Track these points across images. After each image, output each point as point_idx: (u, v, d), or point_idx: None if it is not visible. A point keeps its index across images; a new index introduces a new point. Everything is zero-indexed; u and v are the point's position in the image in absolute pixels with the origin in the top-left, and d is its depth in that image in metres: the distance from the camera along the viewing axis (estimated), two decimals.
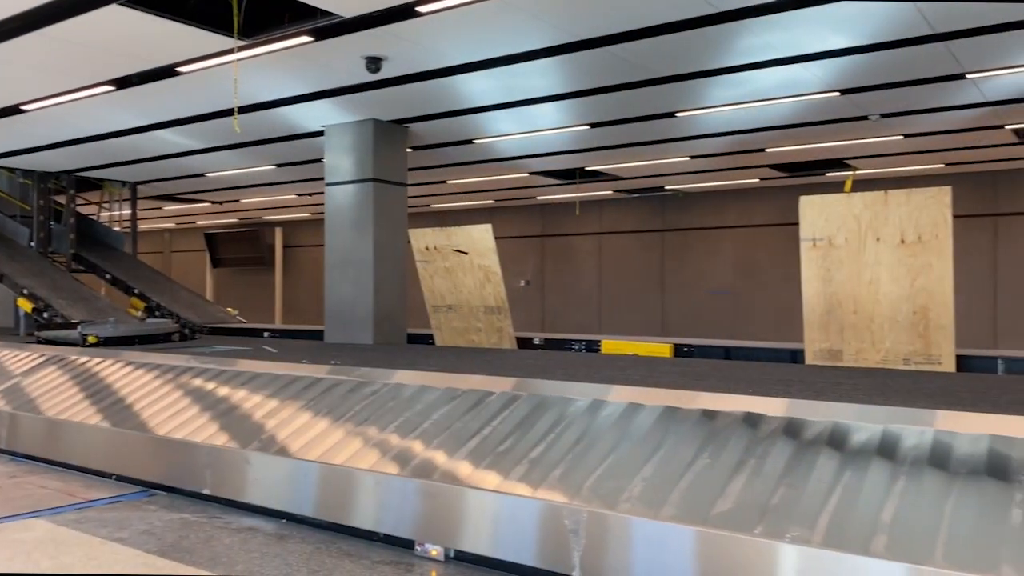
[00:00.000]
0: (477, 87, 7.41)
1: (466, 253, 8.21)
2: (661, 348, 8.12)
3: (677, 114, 8.46)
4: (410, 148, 9.89)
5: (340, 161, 8.85)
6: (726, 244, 15.21)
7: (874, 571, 2.47)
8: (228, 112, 7.84)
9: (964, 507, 2.62)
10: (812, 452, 3.10)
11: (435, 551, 3.52)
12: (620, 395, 3.86)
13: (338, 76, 7.11)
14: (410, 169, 11.36)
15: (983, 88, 7.48)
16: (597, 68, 6.80)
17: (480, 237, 8.05)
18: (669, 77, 7.04)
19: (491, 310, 8.33)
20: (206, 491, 4.43)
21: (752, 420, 3.41)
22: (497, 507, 3.37)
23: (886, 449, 3.01)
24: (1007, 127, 9.30)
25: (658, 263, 16.03)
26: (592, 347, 8.65)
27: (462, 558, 3.46)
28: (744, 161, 11.70)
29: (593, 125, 9.05)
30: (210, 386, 5.27)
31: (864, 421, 3.19)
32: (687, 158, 11.36)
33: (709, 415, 3.52)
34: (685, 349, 8.08)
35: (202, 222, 21.51)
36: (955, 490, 2.71)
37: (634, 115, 8.57)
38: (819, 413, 3.33)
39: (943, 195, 5.79)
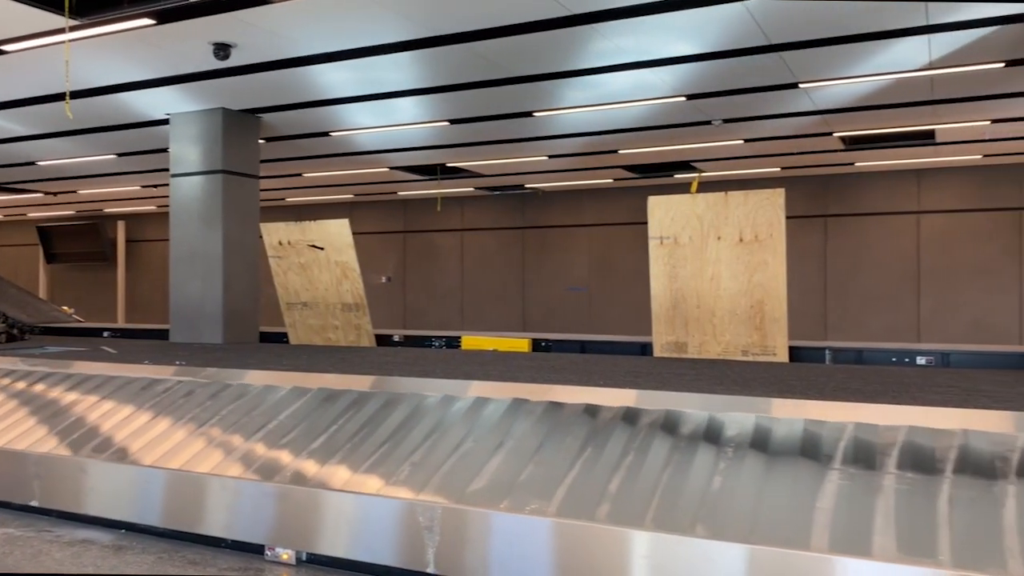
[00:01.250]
0: (333, 78, 7.25)
1: (322, 249, 8.02)
2: (520, 343, 8.25)
3: (534, 114, 8.62)
4: (263, 139, 9.56)
5: (187, 151, 8.44)
6: (583, 242, 15.64)
7: (704, 551, 2.61)
8: (60, 96, 7.30)
9: (780, 486, 2.81)
10: (648, 439, 3.23)
11: (286, 555, 3.42)
12: (475, 390, 3.89)
13: (184, 62, 6.77)
14: (263, 161, 10.99)
15: (814, 97, 8.06)
16: (455, 65, 6.82)
17: (337, 232, 7.89)
18: (526, 77, 7.16)
19: (349, 307, 8.18)
20: (34, 503, 4.11)
21: (593, 411, 3.52)
22: (349, 507, 3.32)
23: (713, 434, 3.19)
24: (835, 134, 10.07)
25: (519, 260, 16.28)
26: (452, 344, 8.68)
27: (315, 561, 3.38)
28: (599, 162, 12.08)
29: (453, 121, 9.07)
30: (39, 390, 4.89)
31: (703, 409, 3.36)
32: (545, 157, 11.60)
33: (556, 407, 3.61)
34: (543, 344, 8.25)
35: (34, 214, 19.91)
36: (775, 470, 2.91)
37: (493, 113, 8.66)
38: (658, 402, 3.48)
39: (777, 197, 6.20)
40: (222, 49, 6.26)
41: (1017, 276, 12.48)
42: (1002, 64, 6.74)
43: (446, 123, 9.13)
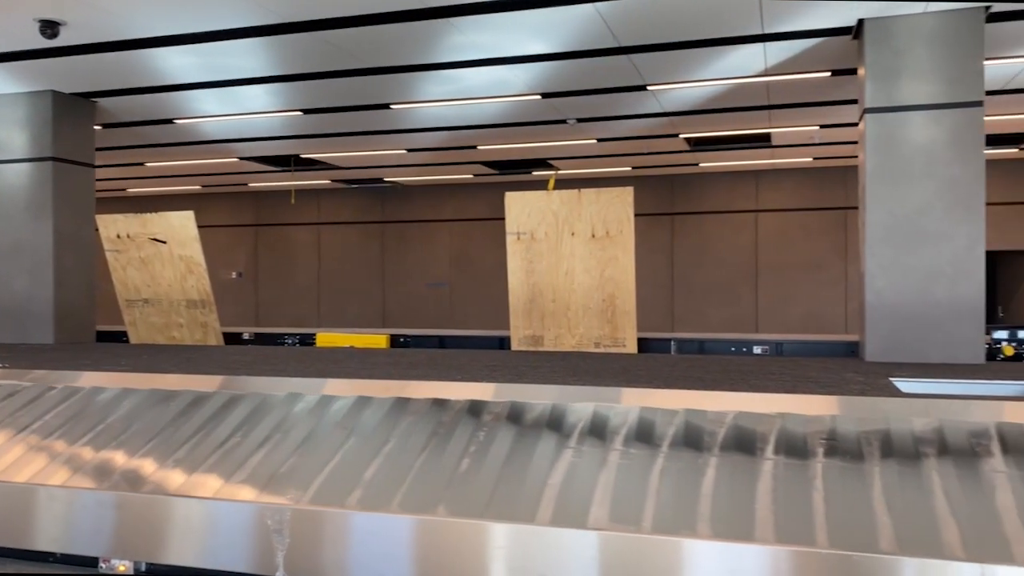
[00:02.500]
0: (175, 63, 6.88)
1: (164, 242, 7.59)
2: (378, 340, 8.13)
3: (392, 106, 8.52)
4: (99, 126, 8.94)
5: (11, 136, 7.77)
6: (443, 237, 15.63)
7: (554, 540, 2.67)
8: None
9: (622, 472, 2.92)
10: (494, 430, 3.27)
11: (123, 567, 3.22)
12: (324, 388, 3.81)
13: (6, 39, 6.22)
14: (100, 149, 10.27)
15: (661, 99, 8.41)
16: (307, 53, 6.63)
17: (181, 225, 7.48)
18: (382, 68, 7.06)
19: (194, 304, 7.79)
20: None
21: (442, 404, 3.53)
22: (192, 512, 3.16)
23: (557, 423, 3.27)
24: (681, 136, 10.55)
25: (378, 255, 16.06)
26: (307, 341, 8.44)
27: (155, 572, 3.20)
28: (458, 157, 12.10)
29: (306, 111, 8.82)
30: None
31: (551, 400, 3.43)
32: (404, 151, 11.49)
33: (403, 402, 3.59)
34: (402, 340, 8.17)
35: None
36: (612, 457, 3.02)
37: (348, 104, 8.48)
38: (503, 395, 3.54)
39: (626, 195, 6.42)
40: (49, 27, 5.79)
41: (843, 270, 13.55)
42: (829, 73, 7.28)
43: (299, 113, 8.87)
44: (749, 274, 14.15)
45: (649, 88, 7.85)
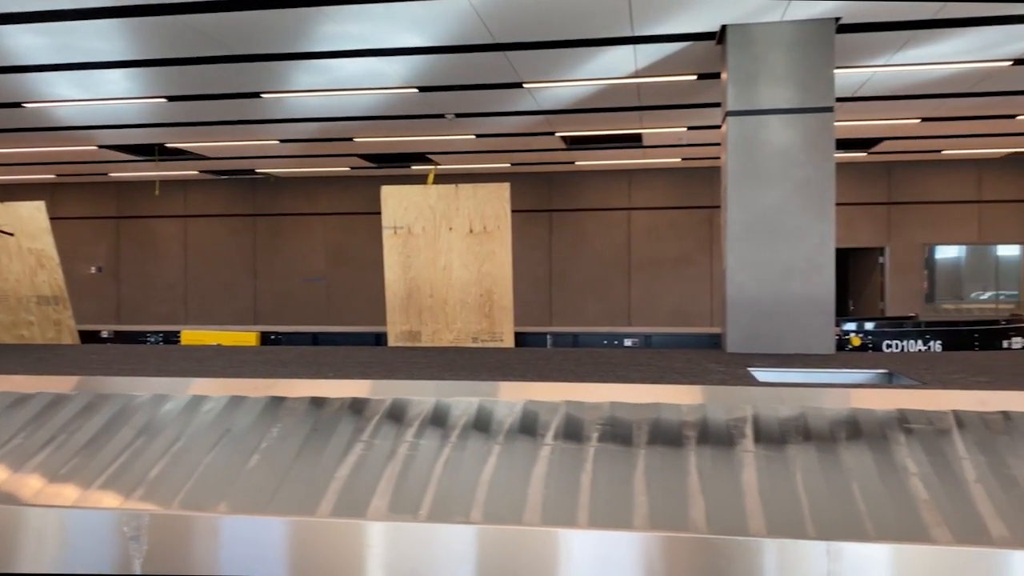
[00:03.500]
0: (22, 43, 6.40)
1: (11, 234, 7.06)
2: (247, 337, 7.86)
3: (262, 95, 8.24)
4: None
5: None
6: (318, 231, 15.27)
7: (432, 535, 2.66)
8: None
9: (502, 465, 2.95)
10: (376, 428, 3.24)
11: None
12: (188, 388, 3.65)
13: None
14: None
15: (537, 97, 8.52)
16: (170, 38, 6.32)
17: (31, 216, 6.98)
18: (251, 56, 6.82)
19: (46, 300, 7.28)
20: None
21: (319, 403, 3.46)
22: (45, 523, 2.96)
23: (439, 418, 3.27)
24: (557, 134, 10.73)
25: (249, 249, 15.52)
26: (171, 339, 8.06)
27: None
28: (334, 149, 11.85)
29: (171, 99, 8.41)
30: None
31: (430, 396, 3.42)
32: (276, 142, 11.14)
33: (278, 401, 3.49)
34: (273, 337, 7.93)
35: None
36: (496, 449, 3.05)
37: (216, 92, 8.15)
38: (383, 392, 3.50)
39: (503, 190, 6.48)
40: None
41: (709, 267, 14.17)
42: (695, 76, 7.58)
43: (163, 100, 8.44)
44: (622, 270, 14.58)
45: (525, 86, 7.94)
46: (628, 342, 7.05)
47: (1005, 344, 6.62)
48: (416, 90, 8.05)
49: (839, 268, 14.88)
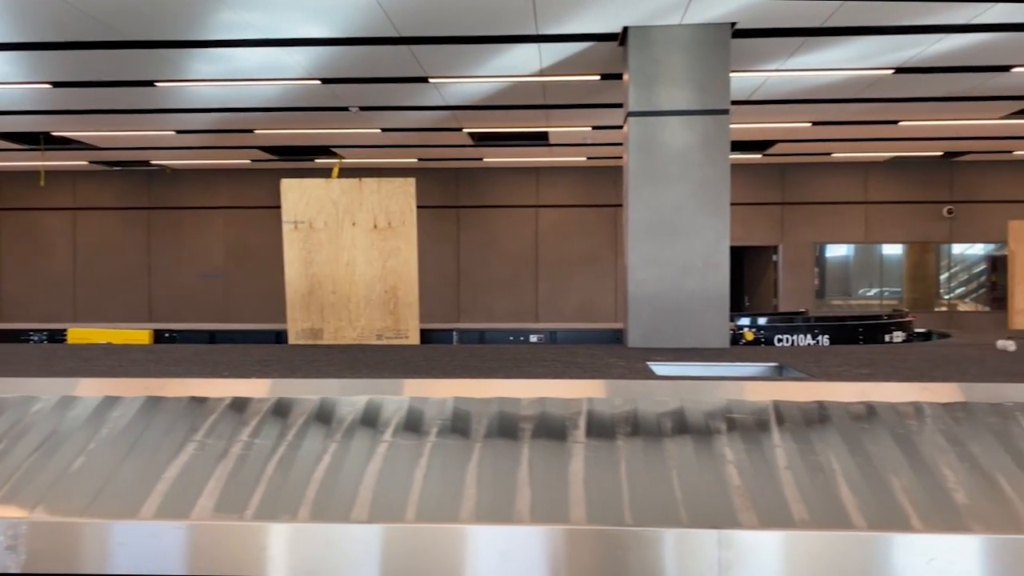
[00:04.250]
0: None
1: None
2: (139, 335, 7.53)
3: (157, 84, 7.91)
4: None
5: None
6: (217, 225, 14.79)
7: (328, 536, 2.61)
8: None
9: (388, 464, 2.92)
10: (261, 426, 3.16)
11: None
12: (63, 389, 3.47)
13: None
14: None
15: (443, 93, 8.48)
16: (54, 20, 5.98)
17: None
18: (143, 42, 6.53)
19: None
20: None
21: (201, 402, 3.35)
22: None
23: (325, 417, 3.21)
24: (464, 130, 10.71)
25: (143, 244, 14.88)
26: (57, 337, 7.65)
27: None
28: (233, 140, 11.49)
29: (56, 84, 7.96)
30: None
31: (324, 394, 3.36)
32: (172, 132, 10.72)
33: (155, 401, 3.36)
34: (167, 335, 7.63)
35: None
36: (380, 449, 3.02)
37: (107, 79, 7.76)
38: (271, 391, 3.41)
39: (408, 185, 6.42)
40: None
41: (614, 264, 14.44)
42: (598, 77, 7.70)
43: (48, 86, 7.99)
44: (530, 266, 14.69)
45: (431, 80, 7.89)
46: (534, 338, 7.11)
47: (887, 338, 7.00)
48: (319, 82, 7.88)
49: (735, 265, 15.42)
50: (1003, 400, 3.17)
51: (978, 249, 14.46)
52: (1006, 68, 7.49)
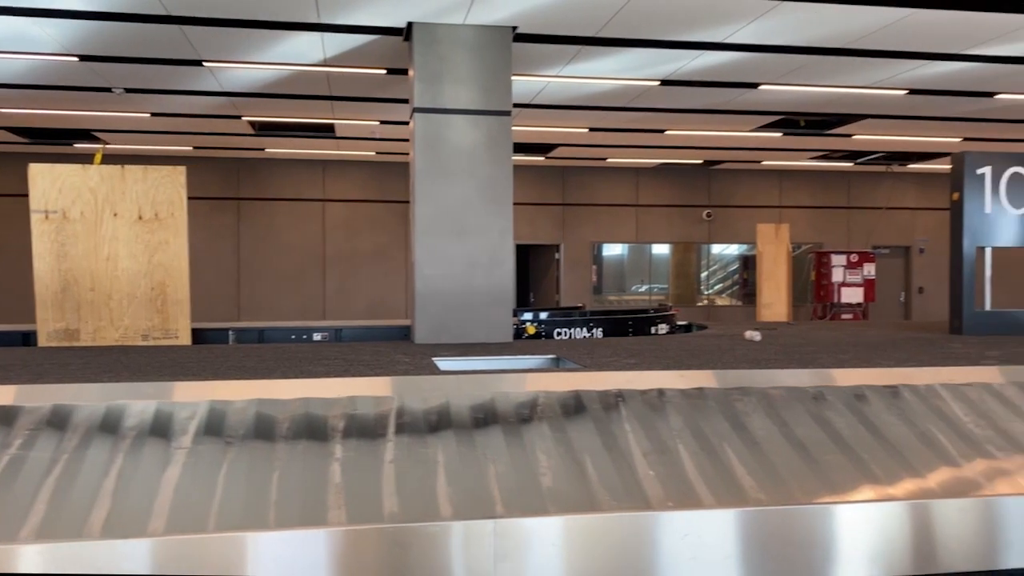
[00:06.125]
0: None
1: None
2: None
3: None
4: None
5: None
6: None
7: (97, 553, 2.38)
8: None
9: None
10: (31, 439, 2.83)
11: None
12: None
13: None
14: None
15: (220, 78, 8.02)
16: None
17: None
18: None
19: None
20: None
21: None
22: None
23: (108, 425, 2.95)
24: (244, 118, 10.20)
25: None
26: None
27: None
28: None
29: None
30: None
31: (90, 400, 3.06)
32: None
33: None
34: None
35: None
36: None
37: None
38: (36, 398, 3.07)
39: (178, 174, 5.99)
40: None
41: (404, 260, 14.41)
42: (384, 71, 7.63)
43: None
44: (317, 262, 14.30)
45: (206, 64, 7.43)
46: (318, 336, 6.90)
47: (653, 330, 7.55)
48: (76, 59, 7.16)
49: (522, 263, 15.97)
50: (750, 384, 3.52)
51: (733, 249, 16.00)
52: (754, 85, 8.34)
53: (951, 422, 3.35)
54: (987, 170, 6.05)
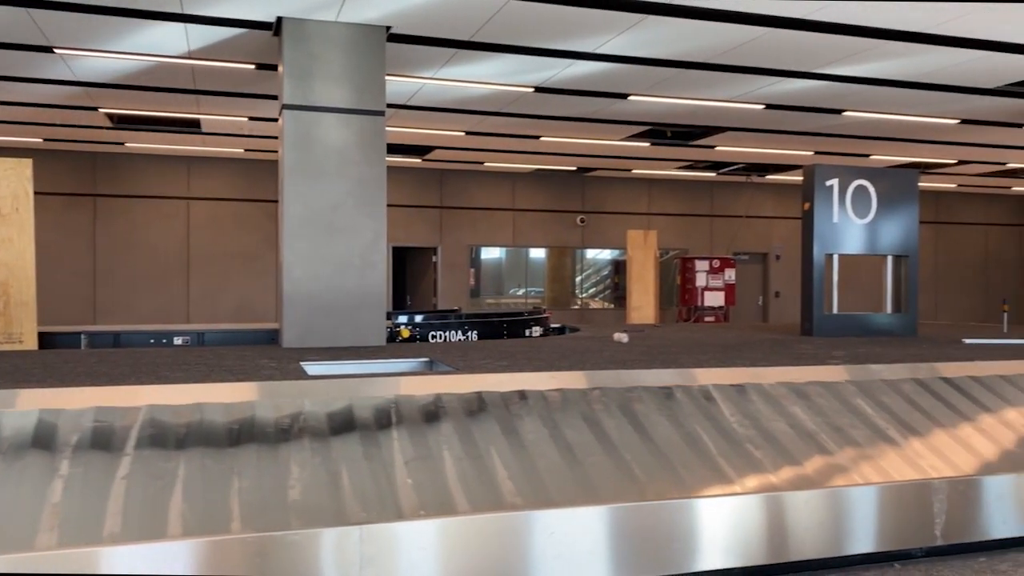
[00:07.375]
0: None
1: None
2: None
3: None
4: None
5: None
6: None
7: None
8: None
9: (10, 484, 2.54)
10: None
11: None
12: None
13: None
14: None
15: (73, 67, 7.53)
16: None
17: None
18: None
19: None
20: None
21: None
22: None
23: None
24: (101, 110, 9.62)
25: None
26: None
27: None
28: None
29: None
30: None
31: None
32: None
33: None
34: None
35: None
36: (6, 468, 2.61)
37: None
38: None
39: (24, 167, 5.60)
40: None
41: (274, 261, 13.97)
42: (253, 66, 7.39)
43: None
44: (181, 263, 13.66)
45: (58, 51, 6.96)
46: (178, 340, 6.59)
47: (527, 332, 7.65)
48: None
49: (399, 265, 15.83)
50: (620, 384, 3.62)
51: (606, 254, 16.44)
52: (624, 96, 8.61)
53: (792, 420, 3.57)
54: (835, 182, 6.50)
